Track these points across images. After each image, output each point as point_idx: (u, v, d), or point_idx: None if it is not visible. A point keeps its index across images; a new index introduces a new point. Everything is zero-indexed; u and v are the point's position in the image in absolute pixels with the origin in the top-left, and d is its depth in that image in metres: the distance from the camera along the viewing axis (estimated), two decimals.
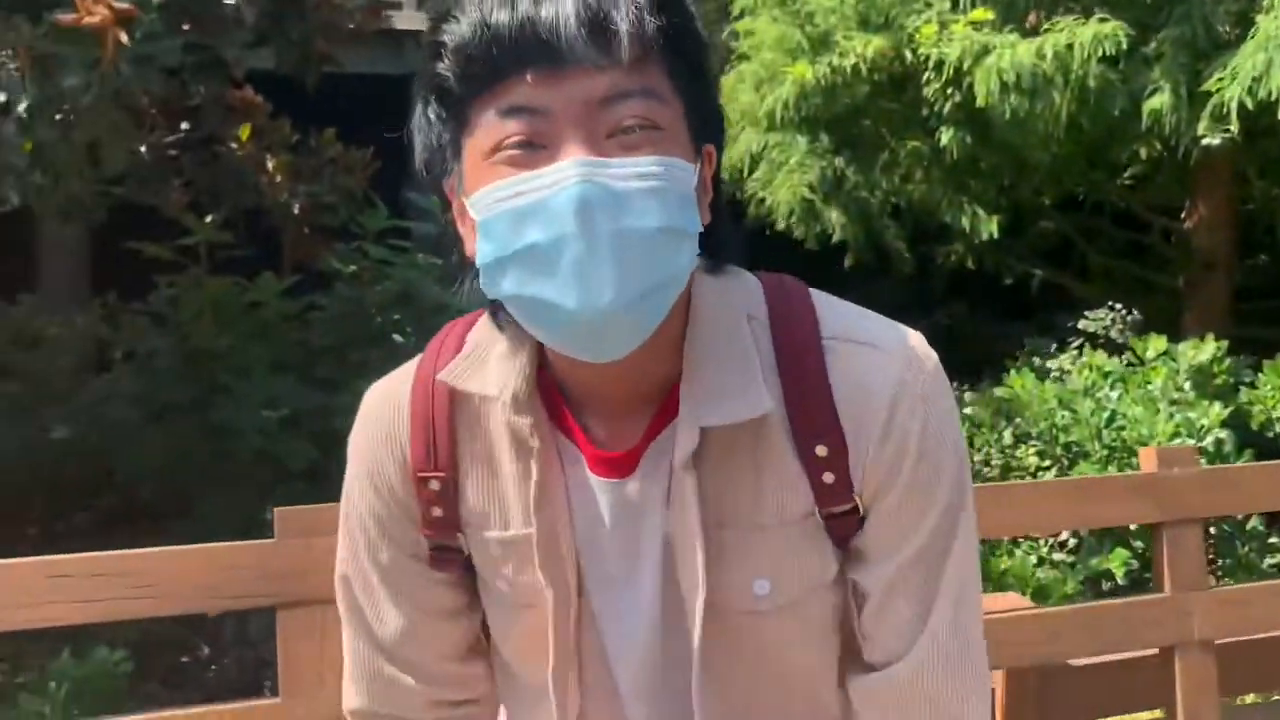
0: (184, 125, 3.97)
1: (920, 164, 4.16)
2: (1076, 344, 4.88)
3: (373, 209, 4.28)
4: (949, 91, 3.72)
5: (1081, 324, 5.60)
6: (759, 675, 0.95)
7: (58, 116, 2.75)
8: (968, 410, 3.76)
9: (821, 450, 0.89)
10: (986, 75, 3.48)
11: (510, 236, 0.80)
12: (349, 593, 1.03)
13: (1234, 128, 3.57)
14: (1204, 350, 3.57)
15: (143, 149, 3.74)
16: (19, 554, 1.46)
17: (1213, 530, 3.38)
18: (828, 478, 0.89)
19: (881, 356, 0.90)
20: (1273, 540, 3.60)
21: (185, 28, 3.39)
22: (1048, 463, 3.51)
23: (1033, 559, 3.53)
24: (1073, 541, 3.61)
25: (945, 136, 3.86)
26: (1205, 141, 3.70)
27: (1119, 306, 5.66)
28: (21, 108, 2.69)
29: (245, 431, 4.04)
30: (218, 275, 4.39)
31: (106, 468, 4.28)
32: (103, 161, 2.96)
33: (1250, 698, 2.68)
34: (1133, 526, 3.11)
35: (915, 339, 0.93)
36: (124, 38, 2.58)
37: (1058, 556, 3.59)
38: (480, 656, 1.05)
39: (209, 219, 4.18)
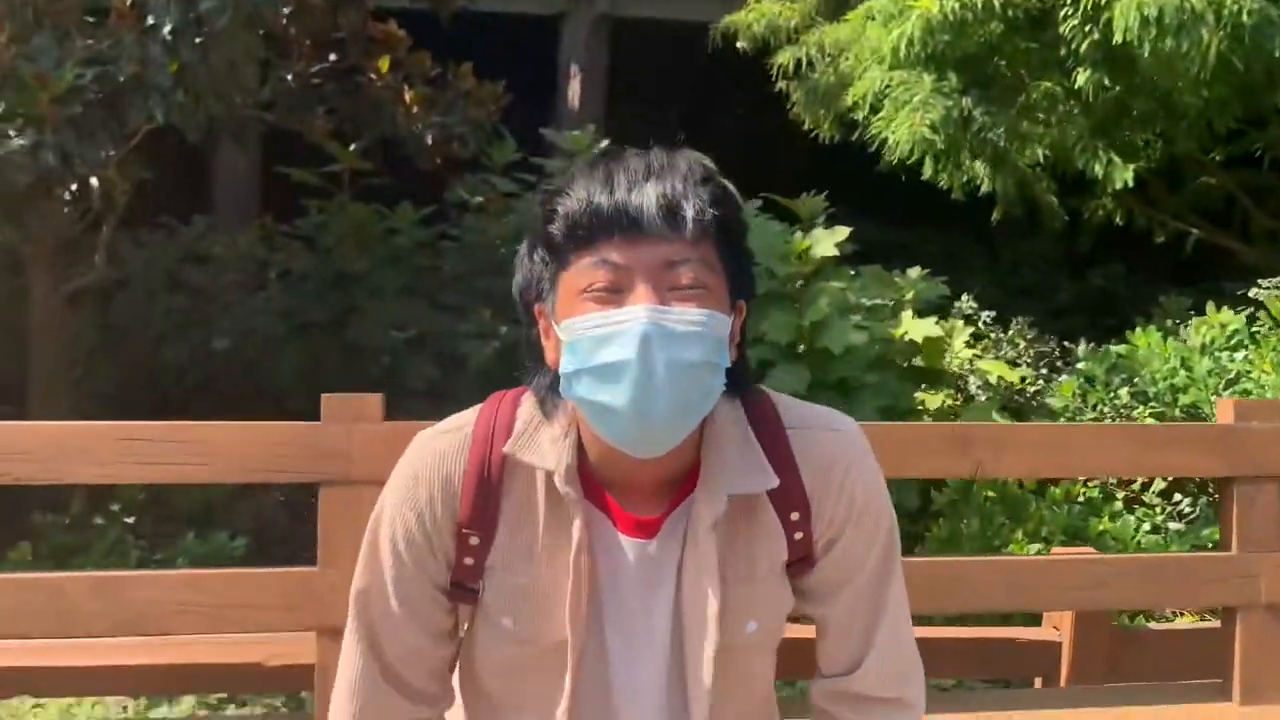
0: (331, 56, 4.18)
1: (1055, 107, 3.92)
2: (1246, 313, 4.51)
3: (501, 141, 4.40)
4: (1087, 29, 3.50)
5: (1254, 292, 5.16)
6: (737, 687, 1.21)
7: (198, 40, 2.95)
8: (1080, 365, 3.56)
9: (795, 516, 1.18)
10: (1126, 10, 3.25)
11: (588, 355, 1.07)
12: (365, 608, 1.21)
13: None
14: None
15: (289, 77, 3.97)
16: None
17: None
18: (798, 535, 1.18)
19: (831, 436, 1.21)
20: None
21: None
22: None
23: (1147, 526, 3.36)
24: (1192, 512, 3.42)
25: (1082, 77, 3.63)
26: None
27: None
28: (166, 30, 2.91)
29: (375, 351, 4.29)
30: (357, 203, 4.63)
31: (257, 378, 4.61)
32: (239, 83, 3.16)
33: None
34: None
35: (849, 418, 1.24)
36: None
37: (1174, 526, 3.40)
38: (448, 678, 1.27)
39: (351, 148, 4.41)
